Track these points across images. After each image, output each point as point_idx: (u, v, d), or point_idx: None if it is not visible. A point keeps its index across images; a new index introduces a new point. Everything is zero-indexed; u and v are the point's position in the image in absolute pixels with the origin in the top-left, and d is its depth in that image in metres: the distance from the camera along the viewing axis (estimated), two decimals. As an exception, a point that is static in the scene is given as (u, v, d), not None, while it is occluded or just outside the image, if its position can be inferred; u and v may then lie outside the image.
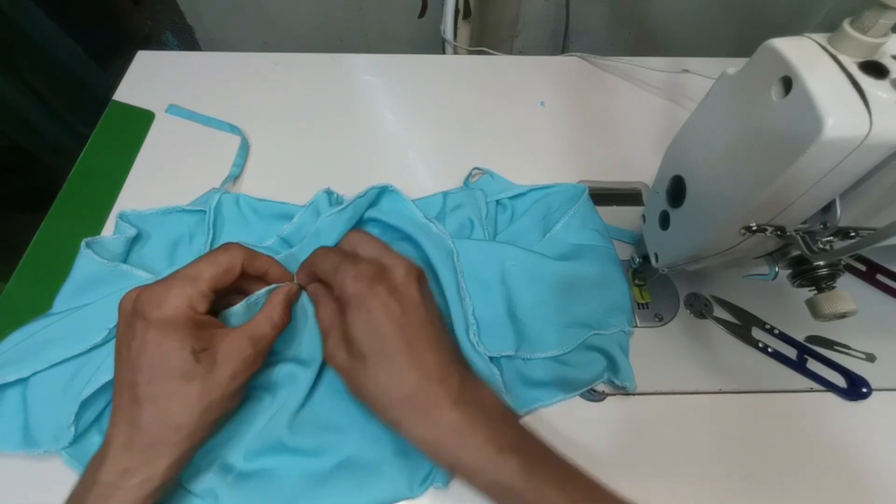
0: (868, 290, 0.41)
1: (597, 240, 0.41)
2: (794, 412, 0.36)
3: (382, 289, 0.29)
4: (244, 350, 0.29)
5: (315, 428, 0.33)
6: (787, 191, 0.23)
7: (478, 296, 0.37)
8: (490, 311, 0.37)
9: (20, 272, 0.41)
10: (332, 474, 0.32)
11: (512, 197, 0.44)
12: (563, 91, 0.54)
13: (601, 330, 0.37)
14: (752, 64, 0.24)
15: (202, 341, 0.28)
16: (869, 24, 0.21)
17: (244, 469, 0.32)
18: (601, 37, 0.93)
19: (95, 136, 0.49)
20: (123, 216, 0.41)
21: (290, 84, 0.54)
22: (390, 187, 0.41)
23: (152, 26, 1.05)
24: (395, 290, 0.30)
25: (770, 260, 0.30)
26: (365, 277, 0.30)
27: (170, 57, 0.56)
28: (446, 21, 0.69)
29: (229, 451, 0.32)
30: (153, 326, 0.27)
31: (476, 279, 0.38)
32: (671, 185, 0.32)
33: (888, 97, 0.20)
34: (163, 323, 0.27)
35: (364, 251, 0.33)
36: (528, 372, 0.36)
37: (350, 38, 0.96)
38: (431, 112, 0.52)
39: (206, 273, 0.30)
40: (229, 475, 0.31)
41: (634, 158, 0.48)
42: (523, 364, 0.36)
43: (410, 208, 0.41)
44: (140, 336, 0.27)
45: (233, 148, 0.48)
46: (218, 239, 0.41)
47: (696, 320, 0.40)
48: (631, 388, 0.35)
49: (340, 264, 0.31)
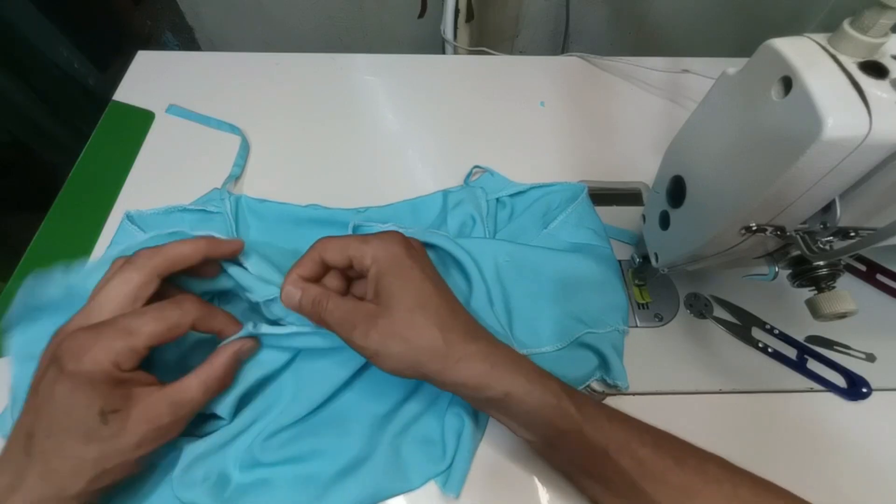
0: (868, 290, 0.41)
1: (593, 239, 0.41)
2: (794, 412, 0.36)
3: (414, 251, 0.30)
4: (160, 417, 0.27)
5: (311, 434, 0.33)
6: (787, 191, 0.23)
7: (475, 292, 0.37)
8: (485, 307, 0.37)
9: (20, 272, 0.41)
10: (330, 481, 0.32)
11: (512, 195, 0.44)
12: (563, 91, 0.54)
13: (595, 328, 0.37)
14: (752, 64, 0.24)
15: (116, 401, 0.26)
16: (869, 24, 0.21)
17: (241, 481, 0.31)
18: (601, 37, 0.93)
19: (95, 136, 0.49)
20: (131, 217, 0.41)
21: (290, 84, 0.54)
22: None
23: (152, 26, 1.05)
24: (420, 253, 0.31)
25: (770, 260, 0.30)
26: (401, 241, 0.30)
27: (170, 57, 0.56)
28: (446, 21, 0.69)
29: (225, 460, 0.32)
30: (66, 378, 0.25)
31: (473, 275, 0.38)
32: (671, 185, 0.32)
33: (888, 97, 0.20)
34: (76, 377, 0.25)
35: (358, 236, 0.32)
36: None
37: (350, 38, 0.96)
38: (431, 112, 0.52)
39: (146, 328, 0.27)
40: (226, 490, 0.31)
41: (634, 158, 0.49)
42: None
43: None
44: (49, 385, 0.26)
45: (233, 148, 0.48)
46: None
47: (696, 320, 0.40)
48: (623, 388, 0.35)
49: (367, 238, 0.30)
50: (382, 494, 0.32)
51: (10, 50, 0.72)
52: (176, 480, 0.30)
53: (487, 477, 0.33)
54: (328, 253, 0.30)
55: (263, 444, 0.32)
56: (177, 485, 0.30)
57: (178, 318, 0.29)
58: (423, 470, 0.32)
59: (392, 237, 0.30)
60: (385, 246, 0.29)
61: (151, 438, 0.27)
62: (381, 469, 0.32)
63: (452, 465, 0.32)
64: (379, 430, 0.33)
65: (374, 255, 0.29)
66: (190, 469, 0.31)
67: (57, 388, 0.26)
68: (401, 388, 0.35)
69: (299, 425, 0.33)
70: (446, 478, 0.32)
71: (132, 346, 0.27)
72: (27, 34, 0.74)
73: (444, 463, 0.32)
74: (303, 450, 0.32)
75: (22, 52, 0.74)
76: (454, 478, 0.32)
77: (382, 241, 0.30)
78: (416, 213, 0.43)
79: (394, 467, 0.32)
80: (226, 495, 0.31)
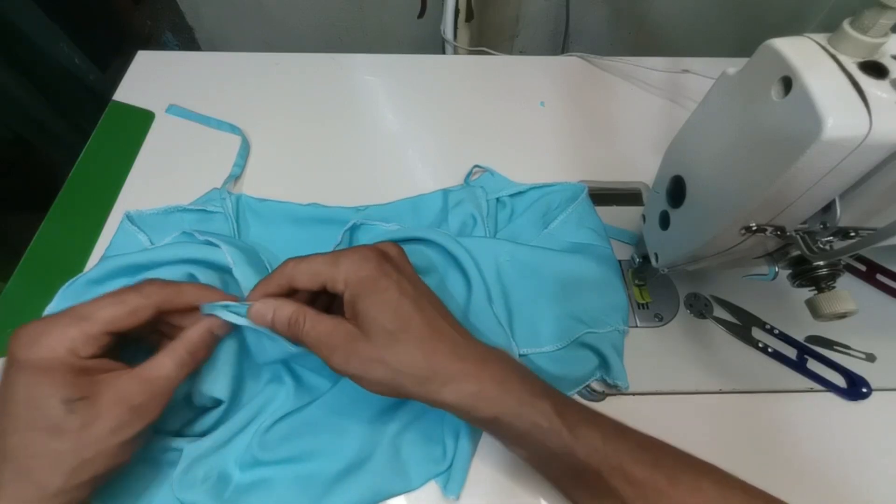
0: (868, 290, 0.41)
1: (593, 239, 0.41)
2: (794, 412, 0.36)
3: (390, 267, 0.29)
4: (133, 397, 0.26)
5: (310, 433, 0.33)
6: (787, 191, 0.23)
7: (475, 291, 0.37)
8: (484, 307, 0.37)
9: (20, 272, 0.41)
10: (331, 481, 0.31)
11: (512, 195, 0.44)
12: (563, 91, 0.54)
13: (595, 328, 0.37)
14: (752, 64, 0.24)
15: (80, 388, 0.25)
16: (869, 24, 0.21)
17: (241, 481, 0.31)
18: (601, 37, 0.93)
19: (95, 136, 0.49)
20: (131, 217, 0.41)
21: (290, 84, 0.54)
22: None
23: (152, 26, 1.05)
24: (398, 267, 0.29)
25: (770, 260, 0.30)
26: (373, 259, 0.28)
27: (170, 57, 0.56)
28: (446, 21, 0.69)
29: (225, 460, 0.32)
30: (22, 369, 0.24)
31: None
32: (671, 185, 0.32)
33: (888, 97, 0.20)
34: (31, 366, 0.24)
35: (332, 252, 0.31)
36: None
37: (350, 38, 0.96)
38: (431, 112, 0.52)
39: (102, 313, 0.26)
40: (227, 490, 0.31)
41: (634, 158, 0.49)
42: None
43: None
44: (6, 379, 0.25)
45: (233, 148, 0.48)
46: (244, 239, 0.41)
47: (696, 320, 0.40)
48: (623, 387, 0.35)
49: (338, 259, 0.28)
50: (383, 494, 0.32)
51: (12, 48, 0.72)
52: (176, 481, 0.30)
53: (488, 477, 0.33)
54: (298, 279, 0.29)
55: (262, 439, 0.32)
56: (177, 485, 0.30)
57: (137, 302, 0.27)
58: (424, 470, 0.32)
59: (364, 255, 0.28)
60: (356, 268, 0.28)
61: (128, 421, 0.26)
62: (382, 469, 0.32)
63: (452, 465, 0.32)
64: (379, 429, 0.33)
65: (346, 279, 0.28)
66: (190, 469, 0.31)
67: (14, 382, 0.25)
68: None
69: (298, 418, 0.33)
70: (446, 479, 0.32)
71: (87, 331, 0.26)
72: (28, 33, 0.74)
73: (444, 463, 0.32)
74: (303, 449, 0.32)
75: (23, 50, 0.74)
76: (454, 479, 0.32)
77: (353, 263, 0.28)
78: (416, 212, 0.43)
79: (394, 467, 0.32)
80: (226, 495, 0.31)
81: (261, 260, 0.38)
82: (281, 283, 0.29)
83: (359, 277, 0.28)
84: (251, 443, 0.32)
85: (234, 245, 0.36)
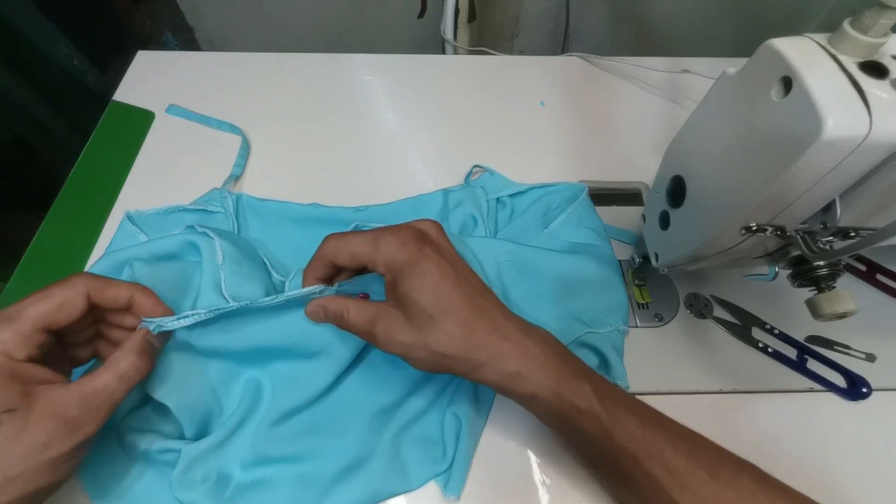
0: (868, 290, 0.41)
1: (593, 239, 0.41)
2: (794, 412, 0.36)
3: (429, 249, 0.28)
4: (67, 411, 0.24)
5: (310, 433, 0.33)
6: (787, 191, 0.23)
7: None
8: None
9: (20, 272, 0.41)
10: (331, 481, 0.31)
11: (512, 195, 0.44)
12: (563, 91, 0.54)
13: (595, 328, 0.37)
14: (752, 64, 0.24)
15: (11, 398, 0.23)
16: (869, 24, 0.21)
17: (241, 481, 0.31)
18: (601, 37, 0.93)
19: (95, 137, 0.49)
20: (131, 217, 0.41)
21: (290, 84, 0.54)
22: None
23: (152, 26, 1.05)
24: (437, 248, 0.29)
25: (770, 260, 0.30)
26: (412, 242, 0.28)
27: (170, 57, 0.56)
28: (446, 21, 0.69)
29: (225, 460, 0.31)
30: None
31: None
32: (671, 185, 0.32)
33: (888, 97, 0.20)
34: None
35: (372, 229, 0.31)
36: None
37: (350, 38, 0.96)
38: (431, 112, 0.52)
39: (30, 310, 0.25)
40: (226, 490, 0.31)
41: (634, 158, 0.48)
42: None
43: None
44: None
45: (233, 148, 0.48)
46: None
47: (696, 320, 0.40)
48: (624, 387, 0.35)
49: (378, 240, 0.29)
50: (383, 494, 0.32)
51: (12, 48, 0.72)
52: (175, 481, 0.30)
53: (488, 477, 0.33)
54: (339, 258, 0.30)
55: (269, 434, 0.32)
56: (176, 486, 0.30)
57: (64, 294, 0.26)
58: (424, 470, 0.33)
59: (403, 239, 0.28)
60: (396, 252, 0.28)
61: (61, 435, 0.24)
62: (382, 469, 0.32)
63: (452, 465, 0.32)
64: (379, 428, 0.33)
65: (386, 263, 0.28)
66: (189, 470, 0.30)
67: None
68: (405, 380, 0.35)
69: (305, 412, 0.33)
70: (447, 479, 0.32)
71: (17, 331, 0.24)
72: (28, 33, 0.74)
73: (444, 463, 0.32)
74: (303, 449, 0.32)
75: (23, 50, 0.74)
76: (454, 479, 0.32)
77: (392, 247, 0.28)
78: (416, 212, 0.43)
79: (394, 467, 0.32)
80: (226, 496, 0.31)
81: (258, 256, 0.38)
82: (325, 265, 0.31)
83: (398, 262, 0.28)
84: (256, 439, 0.32)
85: (231, 241, 0.36)
